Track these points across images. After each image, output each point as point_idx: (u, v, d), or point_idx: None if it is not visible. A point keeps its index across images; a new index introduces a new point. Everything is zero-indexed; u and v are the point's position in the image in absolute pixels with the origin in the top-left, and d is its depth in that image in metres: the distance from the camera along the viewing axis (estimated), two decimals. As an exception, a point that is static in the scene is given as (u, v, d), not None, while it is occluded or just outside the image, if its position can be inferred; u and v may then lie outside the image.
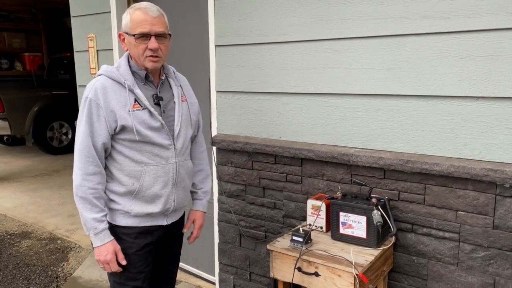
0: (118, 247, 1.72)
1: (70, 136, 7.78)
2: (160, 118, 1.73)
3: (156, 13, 1.69)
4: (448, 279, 1.95)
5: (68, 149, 7.68)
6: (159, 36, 1.69)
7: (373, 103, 2.07)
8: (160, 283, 1.99)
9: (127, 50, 1.75)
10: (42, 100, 7.32)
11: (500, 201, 1.79)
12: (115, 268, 1.72)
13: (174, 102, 1.81)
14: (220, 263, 2.80)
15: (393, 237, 2.00)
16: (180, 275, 3.14)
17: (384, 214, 1.89)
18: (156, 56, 1.70)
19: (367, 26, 2.02)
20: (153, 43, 1.67)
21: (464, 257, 1.90)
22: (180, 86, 1.88)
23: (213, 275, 2.94)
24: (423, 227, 1.98)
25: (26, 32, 9.22)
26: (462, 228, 1.88)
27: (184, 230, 2.01)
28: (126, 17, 1.71)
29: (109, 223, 1.73)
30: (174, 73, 1.87)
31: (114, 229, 1.74)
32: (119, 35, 1.77)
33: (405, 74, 1.96)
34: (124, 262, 1.74)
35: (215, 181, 2.72)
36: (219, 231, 2.76)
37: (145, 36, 1.67)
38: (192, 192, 2.03)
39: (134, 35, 1.67)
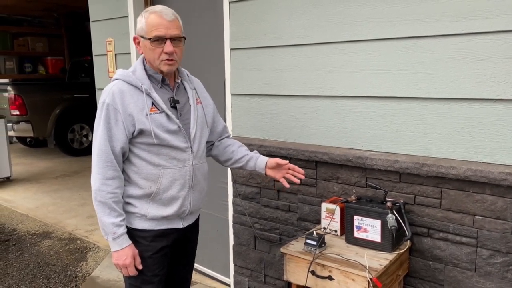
0: (136, 251, 1.74)
1: (90, 138, 7.93)
2: (177, 121, 1.74)
3: (171, 16, 1.70)
4: (465, 285, 1.91)
5: (88, 151, 7.81)
6: (174, 39, 1.69)
7: (388, 106, 2.05)
8: (174, 287, 2.00)
9: (142, 53, 1.75)
10: (64, 102, 7.50)
11: (519, 206, 1.75)
12: (133, 272, 1.73)
13: (190, 105, 1.82)
14: (235, 265, 2.81)
15: (409, 241, 1.97)
16: (195, 277, 3.16)
17: (399, 218, 1.87)
18: (172, 60, 1.70)
19: (383, 28, 2.00)
20: (168, 46, 1.68)
21: (481, 263, 1.86)
22: (195, 88, 1.89)
23: (228, 277, 2.95)
24: (439, 232, 1.95)
25: (49, 36, 9.44)
26: (480, 233, 1.84)
27: (288, 186, 1.89)
28: (141, 21, 1.71)
29: (126, 226, 1.74)
30: (188, 76, 1.88)
31: (130, 232, 1.75)
32: (134, 39, 1.76)
33: (421, 77, 1.93)
34: (140, 267, 1.75)
35: (230, 184, 2.73)
36: (234, 233, 2.76)
37: (160, 39, 1.67)
38: (241, 161, 1.98)
39: (149, 39, 1.68)
